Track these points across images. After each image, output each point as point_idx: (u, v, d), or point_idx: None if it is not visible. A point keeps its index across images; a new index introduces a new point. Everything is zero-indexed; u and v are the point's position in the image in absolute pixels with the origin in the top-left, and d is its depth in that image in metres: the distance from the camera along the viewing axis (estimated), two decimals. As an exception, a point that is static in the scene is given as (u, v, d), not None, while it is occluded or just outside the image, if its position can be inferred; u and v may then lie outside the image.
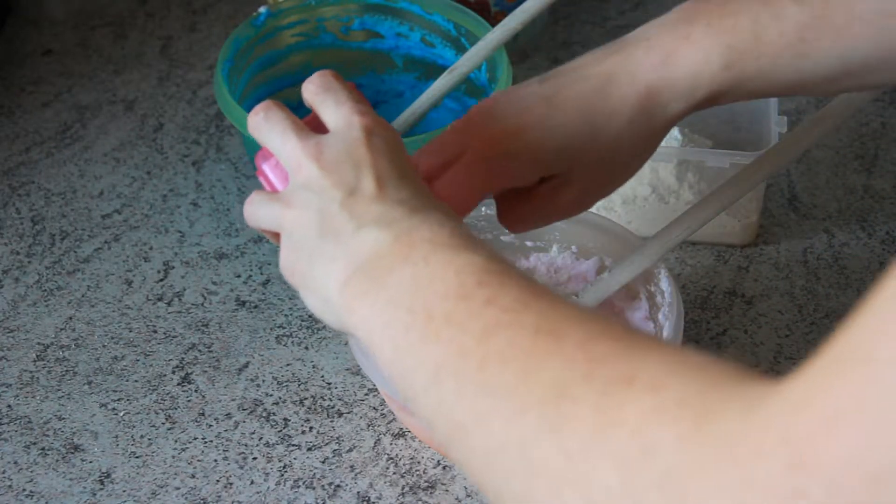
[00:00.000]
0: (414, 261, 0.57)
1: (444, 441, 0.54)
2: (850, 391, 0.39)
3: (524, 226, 0.76)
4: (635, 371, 0.46)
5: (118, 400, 0.87)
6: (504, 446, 0.49)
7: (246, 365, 0.89)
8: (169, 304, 0.94)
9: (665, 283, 0.82)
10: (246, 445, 0.84)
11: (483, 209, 0.89)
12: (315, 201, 0.62)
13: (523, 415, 0.48)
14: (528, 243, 0.90)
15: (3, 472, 0.83)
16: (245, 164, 1.06)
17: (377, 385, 0.79)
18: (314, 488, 0.81)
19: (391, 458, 0.82)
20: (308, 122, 0.67)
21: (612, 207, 0.97)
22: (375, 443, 0.83)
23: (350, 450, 0.83)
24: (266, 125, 0.66)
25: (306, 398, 0.87)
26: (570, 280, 0.89)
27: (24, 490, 0.81)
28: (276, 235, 0.66)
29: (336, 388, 0.88)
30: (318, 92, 0.67)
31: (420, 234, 0.58)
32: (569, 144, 0.70)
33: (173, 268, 0.97)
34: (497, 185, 0.72)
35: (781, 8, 0.67)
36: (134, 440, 0.84)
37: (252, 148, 0.99)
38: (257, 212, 0.66)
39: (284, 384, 0.88)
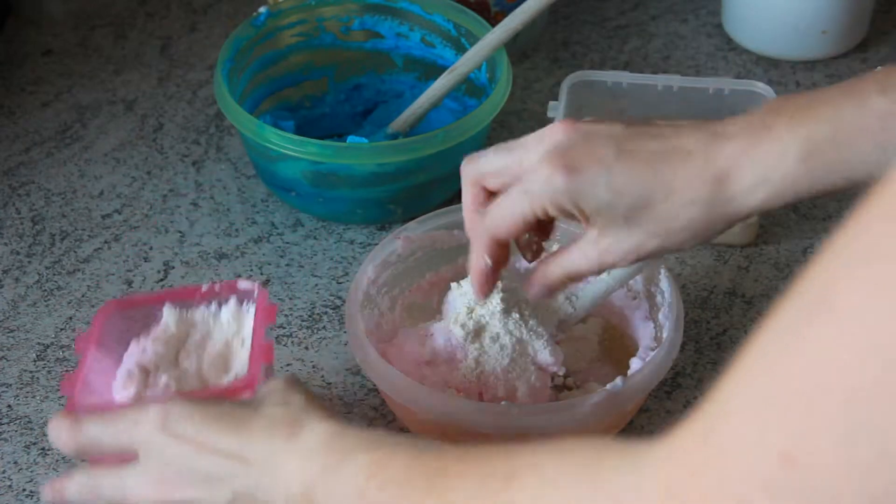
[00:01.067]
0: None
1: None
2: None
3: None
4: (513, 470, 0.53)
5: (118, 400, 0.87)
6: None
7: (246, 365, 0.89)
8: (169, 304, 0.94)
9: (665, 283, 0.82)
10: (246, 445, 0.84)
11: None
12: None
13: None
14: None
15: (4, 472, 0.83)
16: (245, 164, 1.06)
17: (377, 385, 0.79)
18: (314, 488, 0.81)
19: (391, 458, 0.82)
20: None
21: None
22: (375, 443, 0.83)
23: (350, 450, 0.83)
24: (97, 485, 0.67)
25: (306, 398, 0.87)
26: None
27: (24, 490, 0.81)
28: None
29: (336, 388, 0.87)
30: (78, 438, 0.66)
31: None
32: (619, 203, 0.69)
33: (173, 268, 0.97)
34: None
35: (865, 97, 0.65)
36: (134, 440, 0.84)
37: (251, 148, 0.99)
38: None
39: (284, 384, 0.88)
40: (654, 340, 0.83)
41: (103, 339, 0.76)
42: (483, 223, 0.73)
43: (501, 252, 0.75)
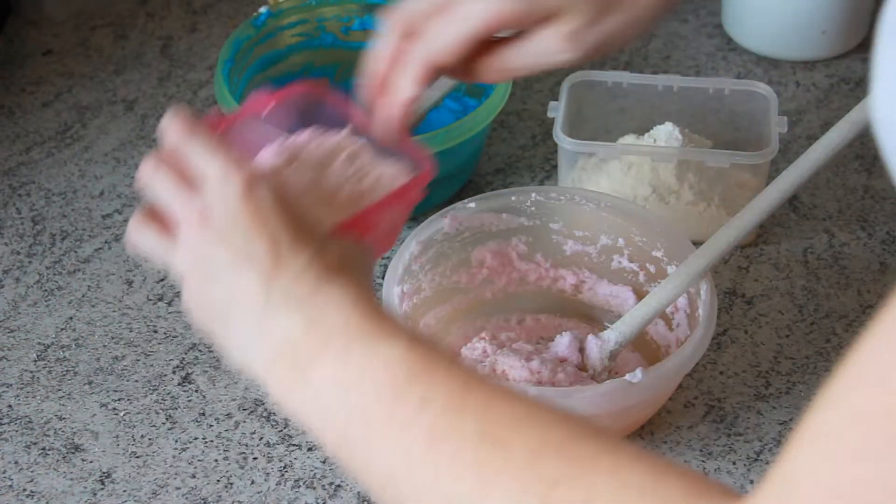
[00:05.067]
0: (333, 355, 0.56)
1: None
2: None
3: (502, 73, 0.72)
4: (590, 497, 0.48)
5: (119, 400, 0.87)
6: None
7: (246, 365, 0.89)
8: (169, 304, 0.94)
9: (703, 285, 0.82)
10: (246, 445, 0.84)
11: (533, 195, 0.89)
12: (214, 271, 0.60)
13: None
14: (577, 233, 0.90)
15: (4, 472, 0.83)
16: (245, 164, 1.06)
17: None
18: (315, 488, 0.81)
19: (391, 458, 0.82)
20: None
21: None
22: (376, 443, 0.83)
23: (350, 450, 0.83)
24: (153, 181, 0.62)
25: (307, 398, 0.87)
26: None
27: (24, 490, 0.81)
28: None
29: (336, 388, 0.87)
30: (183, 139, 0.62)
31: (331, 321, 0.57)
32: None
33: (174, 268, 0.97)
34: (489, 27, 0.68)
35: None
36: (134, 440, 0.84)
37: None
38: (147, 245, 0.63)
39: (285, 384, 0.88)
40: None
41: (281, 109, 0.70)
42: (416, 50, 0.69)
43: (432, 80, 0.70)
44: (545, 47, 0.70)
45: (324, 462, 0.82)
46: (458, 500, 0.51)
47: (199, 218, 0.60)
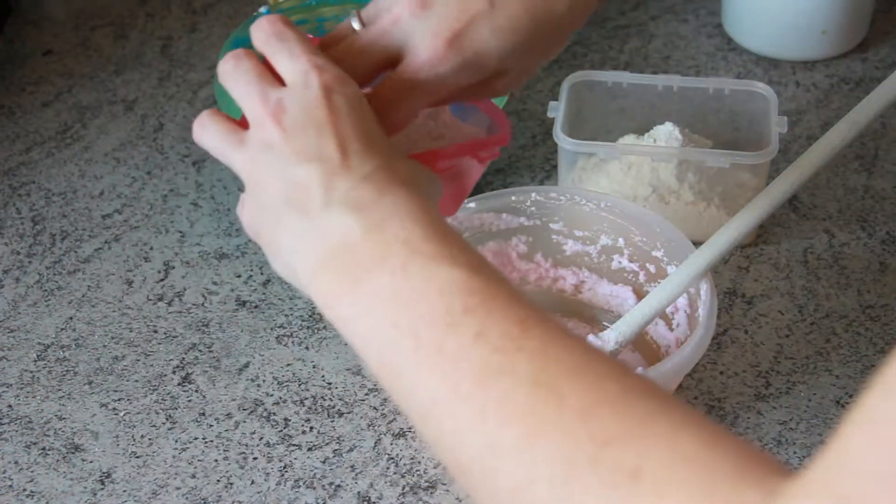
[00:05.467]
0: (391, 267, 0.55)
1: (448, 466, 0.53)
2: None
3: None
4: (640, 463, 0.46)
5: (119, 400, 0.87)
6: (512, 499, 0.49)
7: (246, 365, 0.89)
8: (169, 304, 0.94)
9: (703, 284, 0.82)
10: (246, 445, 0.84)
11: (533, 195, 0.89)
12: (277, 165, 0.59)
13: (532, 486, 0.49)
14: (577, 233, 0.90)
15: (4, 472, 0.83)
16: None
17: None
18: (315, 488, 0.81)
19: (391, 458, 0.82)
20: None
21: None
22: (376, 443, 0.83)
23: (350, 450, 0.83)
24: (233, 74, 0.62)
25: (307, 398, 0.87)
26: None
27: (24, 490, 0.81)
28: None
29: (336, 388, 0.88)
30: (268, 41, 0.63)
31: (392, 231, 0.56)
32: (519, 45, 0.66)
33: (174, 268, 0.97)
34: (443, 95, 0.67)
35: None
36: (134, 440, 0.84)
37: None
38: (211, 141, 0.63)
39: (285, 384, 0.88)
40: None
41: None
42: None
43: None
44: (484, 91, 0.69)
45: (324, 462, 0.82)
46: (501, 446, 0.50)
47: (273, 112, 0.60)
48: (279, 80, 0.62)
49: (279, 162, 0.59)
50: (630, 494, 0.46)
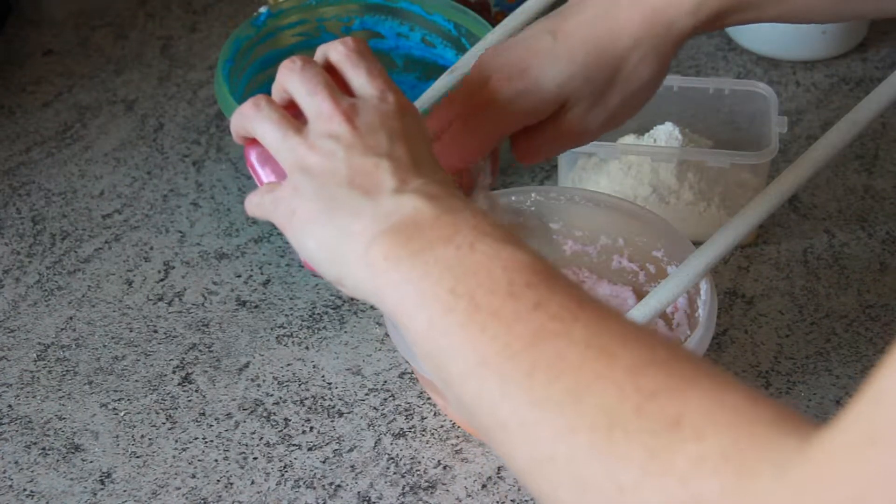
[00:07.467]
0: (458, 244, 0.56)
1: (482, 430, 0.54)
2: (878, 471, 0.40)
3: (535, 157, 0.76)
4: (681, 412, 0.47)
5: (119, 400, 0.87)
6: (552, 458, 0.50)
7: (246, 365, 0.89)
8: (169, 304, 0.94)
9: (703, 284, 0.82)
10: (246, 445, 0.84)
11: (533, 195, 0.89)
12: (342, 154, 0.61)
13: (573, 434, 0.49)
14: (577, 233, 0.90)
15: (4, 472, 0.83)
16: (245, 164, 1.06)
17: (409, 361, 0.79)
18: (315, 488, 0.81)
19: (391, 458, 0.82)
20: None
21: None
22: (376, 443, 0.83)
23: (350, 450, 0.83)
24: (301, 75, 0.64)
25: (307, 398, 0.87)
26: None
27: (24, 490, 0.81)
28: (251, 141, 0.66)
29: (336, 388, 0.88)
30: (351, 56, 0.65)
31: (463, 217, 0.58)
32: (576, 72, 0.71)
33: (174, 268, 0.97)
34: (510, 126, 0.72)
35: None
36: (134, 440, 0.84)
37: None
38: (265, 121, 0.64)
39: (285, 384, 0.88)
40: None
41: None
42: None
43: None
44: (562, 133, 0.74)
45: (324, 462, 0.82)
46: (547, 399, 0.50)
47: (345, 110, 0.62)
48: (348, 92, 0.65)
49: (346, 151, 0.61)
50: (669, 441, 0.47)
